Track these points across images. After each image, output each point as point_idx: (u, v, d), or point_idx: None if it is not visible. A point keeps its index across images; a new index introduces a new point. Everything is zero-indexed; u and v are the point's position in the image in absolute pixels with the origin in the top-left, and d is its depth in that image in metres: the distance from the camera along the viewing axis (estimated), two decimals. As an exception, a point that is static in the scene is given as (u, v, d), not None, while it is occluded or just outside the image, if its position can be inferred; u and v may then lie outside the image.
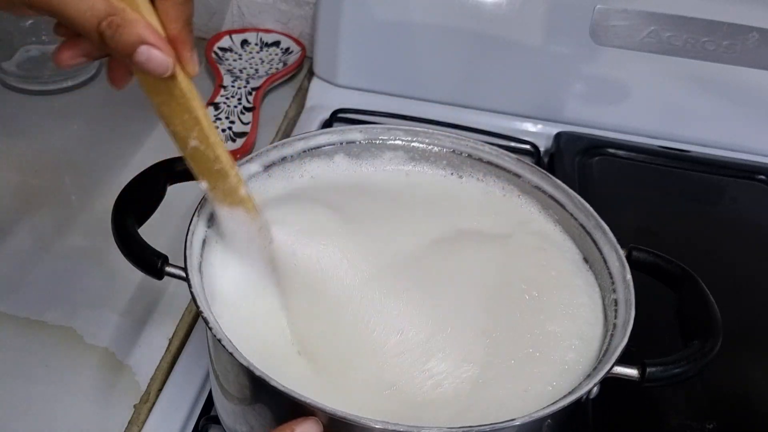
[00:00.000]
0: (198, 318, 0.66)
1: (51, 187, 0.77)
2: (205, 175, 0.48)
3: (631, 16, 0.83)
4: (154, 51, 0.40)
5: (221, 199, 0.48)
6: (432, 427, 0.42)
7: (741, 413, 0.60)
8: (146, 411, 0.59)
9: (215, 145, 0.46)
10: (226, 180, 0.47)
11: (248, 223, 0.49)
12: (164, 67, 0.41)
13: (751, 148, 0.88)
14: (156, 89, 0.43)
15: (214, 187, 0.48)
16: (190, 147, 0.46)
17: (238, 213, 0.49)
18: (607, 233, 0.53)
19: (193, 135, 0.45)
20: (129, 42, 0.40)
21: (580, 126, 0.88)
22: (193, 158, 0.47)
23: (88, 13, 0.39)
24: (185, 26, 0.42)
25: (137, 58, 0.40)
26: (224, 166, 0.47)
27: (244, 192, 0.48)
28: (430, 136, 0.60)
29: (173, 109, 0.44)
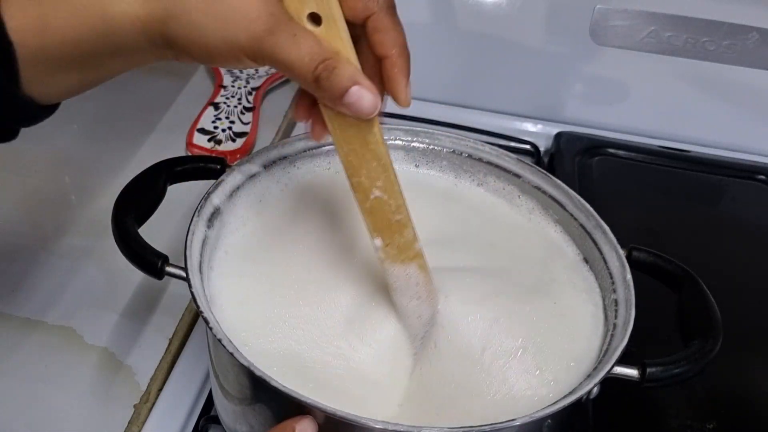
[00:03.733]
0: (198, 318, 0.66)
1: (51, 187, 0.77)
2: (382, 230, 0.46)
3: (631, 16, 0.83)
4: (365, 91, 0.41)
5: (394, 256, 0.47)
6: (432, 427, 0.42)
7: (741, 413, 0.60)
8: (146, 411, 0.59)
9: (399, 194, 0.45)
10: (404, 232, 0.46)
11: (420, 281, 0.48)
12: (372, 107, 0.41)
13: (751, 148, 0.88)
14: (347, 137, 0.43)
15: (390, 242, 0.46)
16: (371, 198, 0.45)
17: (412, 269, 0.48)
18: (607, 233, 0.53)
19: (378, 184, 0.45)
20: (342, 83, 0.40)
21: (580, 126, 0.89)
22: (372, 212, 0.46)
23: (306, 58, 0.40)
24: (402, 53, 0.43)
25: (348, 99, 0.41)
26: (404, 216, 0.46)
27: (419, 246, 0.47)
28: (430, 136, 0.60)
29: (362, 156, 0.44)
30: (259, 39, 0.39)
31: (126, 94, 0.89)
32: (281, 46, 0.40)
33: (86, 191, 0.76)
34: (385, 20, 0.42)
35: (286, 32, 0.40)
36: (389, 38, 0.43)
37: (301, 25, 0.41)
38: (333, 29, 0.41)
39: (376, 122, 0.43)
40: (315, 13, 0.41)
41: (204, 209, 0.51)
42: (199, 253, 0.49)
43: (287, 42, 0.40)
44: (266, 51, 0.40)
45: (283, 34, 0.40)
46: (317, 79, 0.40)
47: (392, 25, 0.43)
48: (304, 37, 0.40)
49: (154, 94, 0.87)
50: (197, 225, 0.50)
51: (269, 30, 0.39)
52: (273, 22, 0.39)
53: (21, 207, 0.74)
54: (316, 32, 0.41)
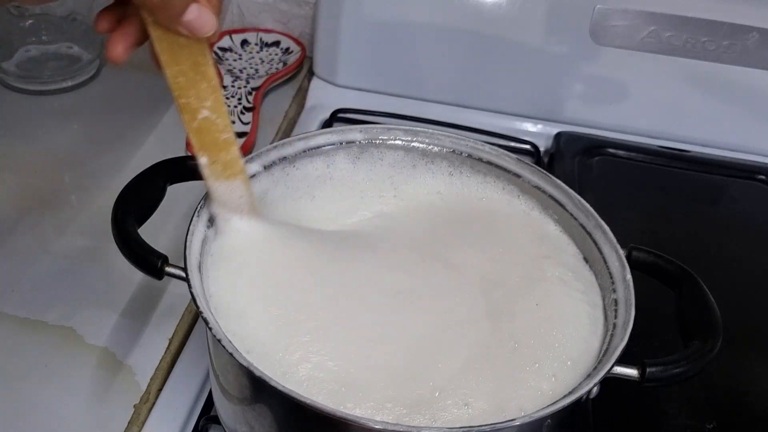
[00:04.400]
0: (198, 318, 0.66)
1: (51, 187, 0.77)
2: (209, 149, 0.48)
3: (631, 16, 0.83)
4: (204, 9, 0.41)
5: (220, 172, 0.49)
6: (432, 428, 0.42)
7: (741, 413, 0.60)
8: (146, 411, 0.59)
9: (226, 114, 0.47)
10: (230, 150, 0.48)
11: (244, 193, 0.50)
12: (210, 26, 0.42)
13: (751, 148, 0.88)
14: (178, 57, 0.44)
15: (216, 160, 0.48)
16: (199, 118, 0.46)
17: (236, 184, 0.50)
18: (607, 233, 0.53)
19: (207, 105, 0.45)
20: (181, 0, 0.40)
21: (580, 126, 0.88)
22: (200, 131, 0.47)
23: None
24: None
25: (188, 16, 0.41)
26: (231, 135, 0.47)
27: (243, 163, 0.49)
28: (430, 136, 0.60)
29: (192, 78, 0.44)
30: None
31: (126, 94, 0.89)
32: None
33: (86, 191, 0.76)
34: None
35: None
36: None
37: None
38: None
39: (206, 44, 0.43)
40: None
41: (204, 209, 0.51)
42: (198, 253, 0.49)
43: None
44: None
45: None
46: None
47: None
48: None
49: (154, 94, 0.87)
50: (197, 225, 0.50)
51: None
52: None
53: (21, 207, 0.74)
54: None
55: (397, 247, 0.55)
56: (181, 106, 0.46)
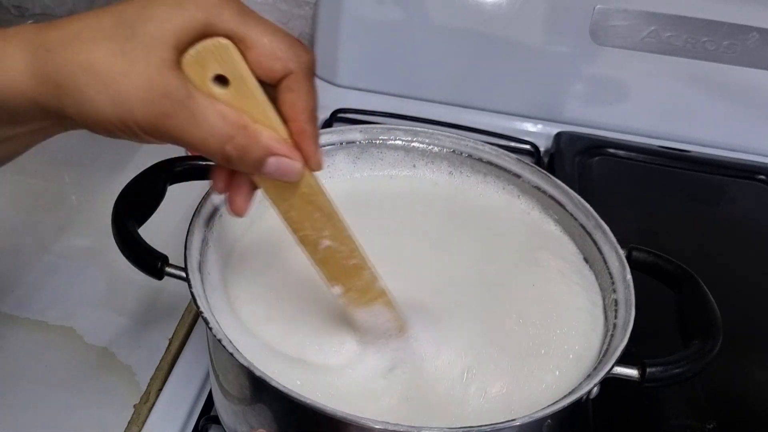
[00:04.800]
0: (198, 318, 0.66)
1: (51, 187, 0.77)
2: (339, 278, 0.45)
3: (631, 16, 0.83)
4: (283, 160, 0.39)
5: (357, 299, 0.46)
6: (432, 428, 0.42)
7: (741, 413, 0.60)
8: (146, 411, 0.59)
9: (349, 238, 0.44)
10: (362, 274, 0.45)
11: (388, 317, 0.47)
12: (294, 174, 0.40)
13: (751, 148, 0.88)
14: (283, 194, 0.42)
15: (350, 288, 0.45)
16: (321, 248, 0.44)
17: (378, 308, 0.47)
18: (607, 233, 0.53)
19: (325, 234, 0.43)
20: (257, 159, 0.38)
21: (580, 126, 0.88)
22: (325, 261, 0.44)
23: (210, 140, 0.37)
24: (311, 118, 0.40)
25: (267, 170, 0.39)
26: (359, 259, 0.45)
27: (381, 284, 0.46)
28: (430, 136, 0.60)
29: (301, 210, 0.42)
30: (155, 122, 0.36)
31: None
32: (180, 129, 0.37)
33: (86, 191, 0.76)
34: (303, 82, 0.39)
35: (183, 113, 0.36)
36: (302, 101, 0.39)
37: (204, 94, 0.37)
38: (243, 89, 0.38)
39: (306, 175, 0.41)
40: (220, 75, 0.38)
41: (204, 209, 0.51)
42: (198, 253, 0.49)
43: (186, 124, 0.36)
44: (166, 133, 0.37)
45: (181, 114, 0.36)
46: (228, 160, 0.38)
47: (308, 88, 0.39)
48: (204, 115, 0.37)
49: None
50: (197, 225, 0.50)
51: (164, 113, 0.36)
52: (167, 104, 0.36)
53: (21, 207, 0.74)
54: (225, 96, 0.38)
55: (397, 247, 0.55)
56: (300, 240, 0.44)
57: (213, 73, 0.38)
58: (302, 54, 0.39)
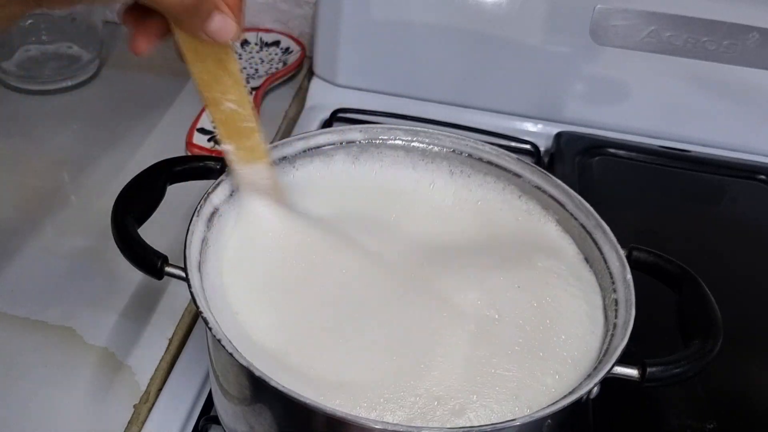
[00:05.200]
0: (198, 318, 0.66)
1: (51, 187, 0.77)
2: (234, 137, 0.50)
3: (631, 15, 0.83)
4: (227, 18, 0.43)
5: (245, 157, 0.51)
6: (432, 428, 0.42)
7: (741, 413, 0.60)
8: (146, 411, 0.59)
9: (249, 104, 0.49)
10: (253, 136, 0.51)
11: (268, 175, 0.52)
12: (232, 33, 0.44)
13: (751, 148, 0.88)
14: (202, 56, 0.46)
15: (241, 147, 0.51)
16: (224, 110, 0.49)
17: (261, 167, 0.52)
18: (608, 233, 0.53)
19: (231, 97, 0.48)
20: (205, 10, 0.42)
21: (580, 126, 0.88)
22: (225, 122, 0.49)
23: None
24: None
25: (211, 26, 0.43)
26: (254, 123, 0.50)
27: (266, 147, 0.52)
28: (430, 136, 0.60)
29: (216, 74, 0.47)
30: None
31: (126, 94, 0.89)
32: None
33: (86, 191, 0.76)
34: None
35: None
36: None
37: None
38: None
39: (230, 44, 0.46)
40: None
41: (204, 209, 0.51)
42: (198, 253, 0.49)
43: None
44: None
45: None
46: (186, 10, 0.41)
47: None
48: None
49: (154, 94, 0.87)
50: (197, 225, 0.50)
51: None
52: None
53: (21, 207, 0.74)
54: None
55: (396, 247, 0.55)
56: (207, 100, 0.48)
57: None
58: None
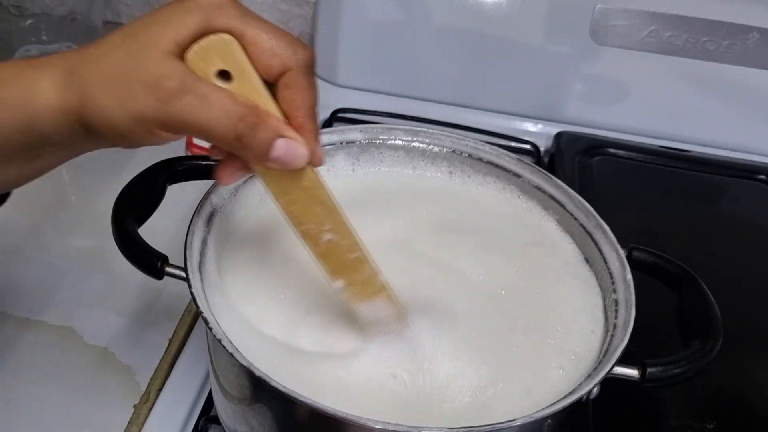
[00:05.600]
0: (198, 318, 0.66)
1: (51, 187, 0.77)
2: (341, 271, 0.45)
3: (631, 15, 0.83)
4: (292, 143, 0.39)
5: (359, 293, 0.46)
6: (432, 428, 0.42)
7: (741, 413, 0.60)
8: (146, 411, 0.59)
9: (350, 232, 0.44)
10: (364, 268, 0.46)
11: (390, 311, 0.47)
12: (301, 158, 0.40)
13: (751, 148, 0.88)
14: (284, 188, 0.42)
15: (351, 281, 0.46)
16: (323, 242, 0.44)
17: (379, 302, 0.47)
18: (608, 233, 0.53)
19: (326, 227, 0.44)
20: (266, 138, 0.39)
21: (580, 126, 0.88)
22: (327, 255, 0.45)
23: (223, 117, 0.38)
24: (310, 114, 0.40)
25: (274, 153, 0.39)
26: (361, 253, 0.45)
27: (382, 278, 0.47)
28: (430, 136, 0.60)
29: (303, 204, 0.43)
30: (165, 106, 0.37)
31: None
32: (191, 110, 0.37)
33: (86, 191, 0.76)
34: (301, 79, 0.40)
35: (194, 93, 0.37)
36: (300, 97, 0.40)
37: (211, 83, 0.38)
38: (246, 83, 0.39)
39: (307, 168, 0.41)
40: (224, 70, 0.38)
41: (204, 209, 0.51)
42: (198, 253, 0.49)
43: (197, 104, 0.37)
44: (176, 117, 0.37)
45: (190, 95, 0.37)
46: (239, 138, 0.38)
47: (306, 84, 0.40)
48: (216, 95, 0.38)
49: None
50: (197, 225, 0.50)
51: (174, 94, 0.37)
52: (177, 86, 0.37)
53: (21, 207, 0.73)
54: (229, 89, 0.38)
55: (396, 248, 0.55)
56: (302, 234, 0.44)
57: (216, 68, 0.38)
58: (300, 51, 0.40)
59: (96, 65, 0.38)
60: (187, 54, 0.38)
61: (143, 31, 0.38)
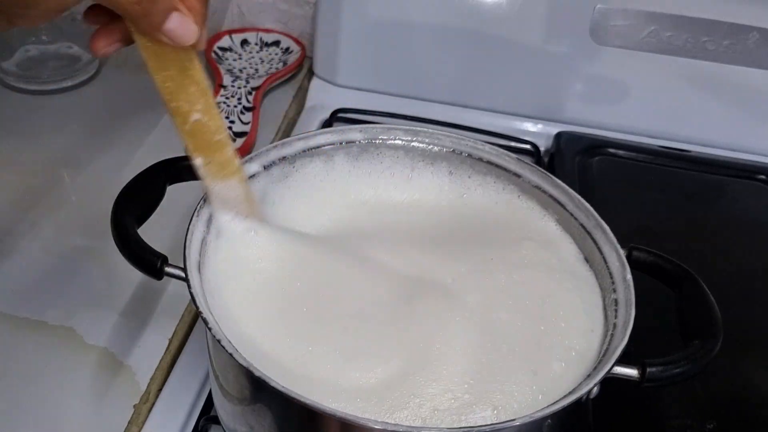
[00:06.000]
0: (198, 318, 0.66)
1: (51, 187, 0.77)
2: (203, 150, 0.48)
3: (631, 15, 0.83)
4: (185, 18, 0.42)
5: (216, 172, 0.49)
6: (432, 428, 0.42)
7: (741, 413, 0.60)
8: (146, 411, 0.59)
9: (218, 115, 0.47)
10: (224, 150, 0.49)
11: (241, 192, 0.51)
12: (192, 35, 0.42)
13: (751, 148, 0.88)
14: (164, 63, 0.44)
15: (210, 160, 0.49)
16: (191, 121, 0.47)
17: (233, 183, 0.50)
18: (607, 233, 0.53)
19: (197, 108, 0.46)
20: (164, 8, 0.41)
21: (580, 126, 0.88)
22: (192, 133, 0.47)
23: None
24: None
25: (168, 25, 0.41)
26: (224, 135, 0.48)
27: (239, 162, 0.50)
28: (430, 136, 0.60)
29: (180, 82, 0.45)
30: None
31: (126, 94, 0.89)
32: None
33: (86, 191, 0.76)
34: None
35: None
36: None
37: None
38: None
39: (193, 49, 0.44)
40: None
41: (203, 209, 0.51)
42: (198, 253, 0.49)
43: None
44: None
45: None
46: (139, 2, 0.40)
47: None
48: None
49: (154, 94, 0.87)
50: (196, 225, 0.50)
51: None
52: None
53: (21, 207, 0.74)
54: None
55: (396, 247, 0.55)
56: (172, 110, 0.46)
57: None
58: None
59: None
60: None
61: None
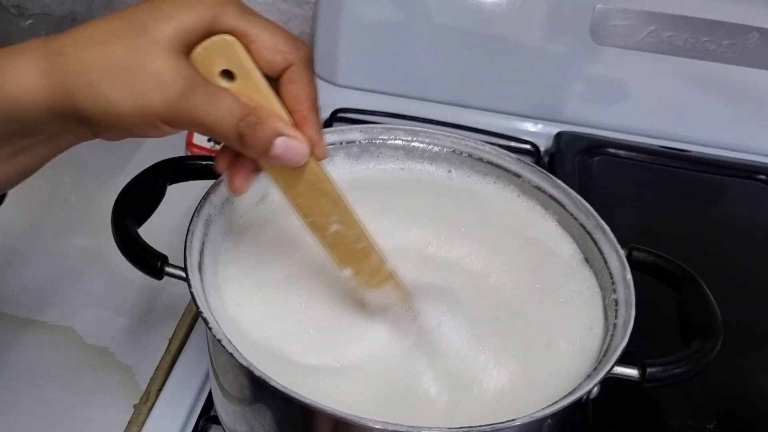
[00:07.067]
0: (198, 318, 0.66)
1: (51, 187, 0.77)
2: (349, 261, 0.47)
3: (631, 15, 0.83)
4: (291, 141, 0.41)
5: (367, 281, 0.48)
6: (432, 428, 0.42)
7: (741, 413, 0.60)
8: (146, 411, 0.59)
9: (356, 222, 0.46)
10: (370, 257, 0.47)
11: (397, 297, 0.48)
12: (300, 156, 0.41)
13: (751, 148, 0.88)
14: (290, 182, 0.43)
15: (359, 269, 0.47)
16: (330, 233, 0.45)
17: (386, 290, 0.48)
18: (608, 233, 0.53)
19: (333, 219, 0.45)
20: (266, 137, 0.40)
21: (580, 126, 0.88)
22: (335, 245, 0.46)
23: (227, 116, 0.39)
24: (312, 108, 0.42)
25: (274, 151, 0.40)
26: (367, 242, 0.46)
27: (390, 266, 0.48)
28: (430, 136, 0.60)
29: (310, 197, 0.44)
30: (174, 103, 0.38)
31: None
32: (199, 108, 0.39)
33: (86, 191, 0.76)
34: (303, 73, 0.41)
35: (201, 93, 0.39)
36: (303, 91, 0.42)
37: (216, 84, 0.40)
38: (249, 82, 0.40)
39: (311, 161, 0.43)
40: (227, 70, 0.40)
41: (203, 209, 0.51)
42: (198, 253, 0.49)
43: (204, 103, 0.39)
44: (183, 115, 0.39)
45: (198, 95, 0.39)
46: (241, 136, 0.40)
47: (308, 79, 0.42)
48: (221, 96, 0.39)
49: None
50: (197, 225, 0.50)
51: (183, 93, 0.38)
52: (187, 85, 0.38)
53: (21, 207, 0.74)
54: (232, 88, 0.40)
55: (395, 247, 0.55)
56: (309, 225, 0.45)
57: (220, 68, 0.40)
58: (301, 47, 0.41)
59: (95, 51, 0.38)
60: (193, 54, 0.40)
61: (151, 23, 0.38)
